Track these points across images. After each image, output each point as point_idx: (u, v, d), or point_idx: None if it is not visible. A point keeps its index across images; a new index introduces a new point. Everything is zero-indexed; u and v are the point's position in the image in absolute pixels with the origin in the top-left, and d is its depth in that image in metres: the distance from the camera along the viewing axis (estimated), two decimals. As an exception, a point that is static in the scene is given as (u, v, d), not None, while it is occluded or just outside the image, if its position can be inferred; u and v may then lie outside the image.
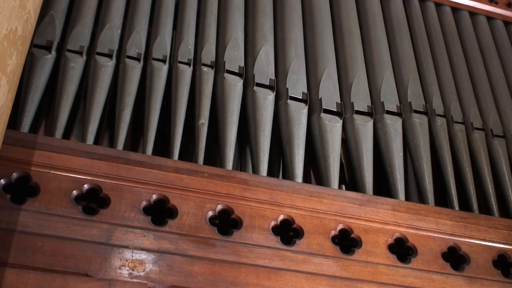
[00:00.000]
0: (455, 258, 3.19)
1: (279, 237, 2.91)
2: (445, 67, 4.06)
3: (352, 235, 3.05)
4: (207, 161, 3.07)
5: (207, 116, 3.16)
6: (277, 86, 3.41)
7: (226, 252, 2.79)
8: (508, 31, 4.64)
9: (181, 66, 3.27)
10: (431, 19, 4.36)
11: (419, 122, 3.58)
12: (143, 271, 2.63)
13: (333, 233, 3.02)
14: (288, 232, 3.00)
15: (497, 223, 3.33)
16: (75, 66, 3.11)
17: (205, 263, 2.74)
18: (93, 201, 2.80)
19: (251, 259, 2.81)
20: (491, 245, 3.28)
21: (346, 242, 3.06)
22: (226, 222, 2.92)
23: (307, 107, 3.37)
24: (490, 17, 4.65)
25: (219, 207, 2.91)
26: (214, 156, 3.22)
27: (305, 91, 3.44)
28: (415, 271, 3.03)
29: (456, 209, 3.36)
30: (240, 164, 3.36)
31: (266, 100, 3.29)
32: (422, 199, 3.38)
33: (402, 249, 3.13)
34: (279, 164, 3.38)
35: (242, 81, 3.33)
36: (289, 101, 3.35)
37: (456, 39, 4.33)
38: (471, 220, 3.27)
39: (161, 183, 2.86)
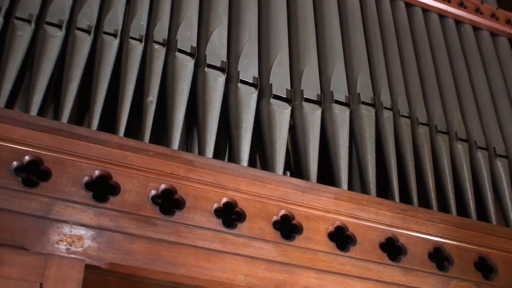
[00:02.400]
0: (392, 249, 3.25)
1: (221, 220, 2.91)
2: (395, 61, 4.11)
3: (294, 221, 3.07)
4: (153, 140, 3.03)
5: (156, 94, 3.13)
6: (228, 69, 3.39)
7: (167, 232, 2.78)
8: (459, 30, 4.72)
9: (132, 42, 3.22)
10: (385, 13, 4.40)
11: (367, 114, 3.62)
12: (81, 247, 2.60)
13: (275, 218, 3.04)
14: (230, 215, 3.00)
15: (435, 217, 3.40)
16: (23, 34, 3.03)
17: (144, 242, 2.72)
18: (34, 174, 2.75)
19: (191, 240, 2.81)
20: (428, 238, 3.35)
21: (288, 228, 3.08)
22: (169, 202, 2.90)
23: (257, 91, 3.37)
24: (442, 15, 4.71)
25: (163, 186, 2.89)
26: (161, 135, 3.19)
27: (256, 75, 3.44)
28: (353, 259, 3.08)
29: (397, 201, 3.41)
30: (186, 145, 3.35)
31: (216, 82, 3.27)
32: (364, 190, 3.42)
33: (341, 238, 3.17)
34: (226, 147, 3.38)
35: (193, 61, 3.31)
36: (239, 84, 3.34)
37: (407, 35, 4.38)
38: (410, 213, 3.33)
39: (104, 159, 2.82)
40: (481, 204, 3.76)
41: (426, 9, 4.66)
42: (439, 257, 3.35)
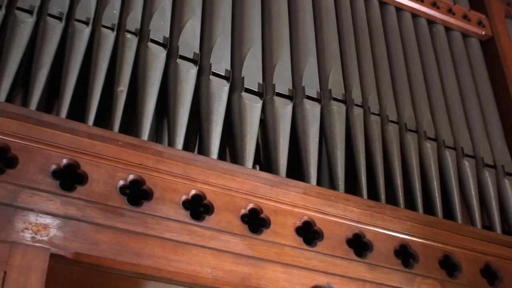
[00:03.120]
0: (359, 245, 3.27)
1: (189, 212, 2.91)
2: (367, 59, 4.13)
3: (262, 215, 3.08)
4: (122, 130, 3.01)
5: (126, 84, 3.10)
6: (201, 61, 3.38)
7: (134, 223, 2.77)
8: (431, 30, 4.76)
9: (104, 30, 3.18)
10: (358, 10, 4.41)
11: (337, 110, 3.63)
12: (47, 236, 2.58)
13: (243, 211, 3.04)
14: (198, 207, 3.00)
15: (402, 214, 3.43)
16: (-7, 19, 2.99)
17: (111, 232, 2.70)
18: (0, 161, 2.71)
19: (158, 231, 2.80)
20: (394, 235, 3.38)
21: (255, 221, 3.08)
22: (137, 193, 2.89)
23: (228, 84, 3.36)
24: (415, 14, 4.74)
25: (131, 176, 2.88)
26: (130, 125, 3.17)
27: (228, 68, 3.43)
28: (319, 254, 3.09)
29: (365, 197, 3.44)
30: (156, 136, 3.32)
31: (188, 74, 3.26)
32: (332, 185, 3.44)
33: (309, 233, 3.18)
34: (196, 139, 3.37)
35: (165, 52, 3.29)
36: (211, 77, 3.33)
37: (380, 33, 4.40)
38: (377, 209, 3.36)
39: (73, 148, 2.79)
40: (448, 203, 3.81)
41: (399, 8, 4.68)
42: (404, 254, 3.38)
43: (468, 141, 4.13)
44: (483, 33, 4.88)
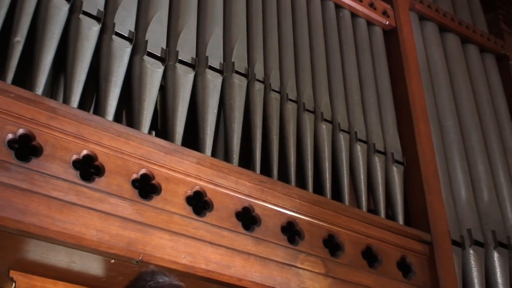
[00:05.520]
0: (247, 218, 3.31)
1: (78, 172, 2.84)
2: (273, 36, 4.14)
3: (153, 181, 3.06)
4: (16, 82, 2.89)
5: (24, 34, 2.98)
6: (105, 19, 3.28)
7: (20, 179, 2.67)
8: (337, 14, 4.82)
9: (5, -23, 3.04)
10: (269, -14, 4.41)
11: (238, 84, 3.64)
12: None
13: (134, 176, 3.00)
14: (89, 168, 2.93)
15: (292, 192, 3.50)
16: None
17: (-5, 187, 2.61)
18: None
19: (45, 189, 2.72)
20: (282, 211, 3.44)
21: (146, 187, 3.06)
22: (26, 148, 2.79)
23: (131, 46, 3.30)
24: (324, -3, 4.80)
25: (21, 131, 2.77)
26: (25, 78, 3.05)
27: (133, 30, 3.36)
28: (207, 225, 3.11)
29: (257, 172, 3.48)
30: (51, 92, 3.21)
31: (90, 31, 3.17)
32: (227, 158, 3.46)
33: (199, 203, 3.19)
34: (92, 99, 3.29)
35: (68, 6, 3.16)
36: (113, 36, 3.25)
37: (288, 11, 4.42)
38: (268, 185, 3.41)
39: (-41, 96, 2.67)
40: (337, 184, 3.92)
41: (309, -11, 4.72)
42: (291, 231, 3.46)
43: (362, 126, 4.25)
44: (387, 23, 5.00)
